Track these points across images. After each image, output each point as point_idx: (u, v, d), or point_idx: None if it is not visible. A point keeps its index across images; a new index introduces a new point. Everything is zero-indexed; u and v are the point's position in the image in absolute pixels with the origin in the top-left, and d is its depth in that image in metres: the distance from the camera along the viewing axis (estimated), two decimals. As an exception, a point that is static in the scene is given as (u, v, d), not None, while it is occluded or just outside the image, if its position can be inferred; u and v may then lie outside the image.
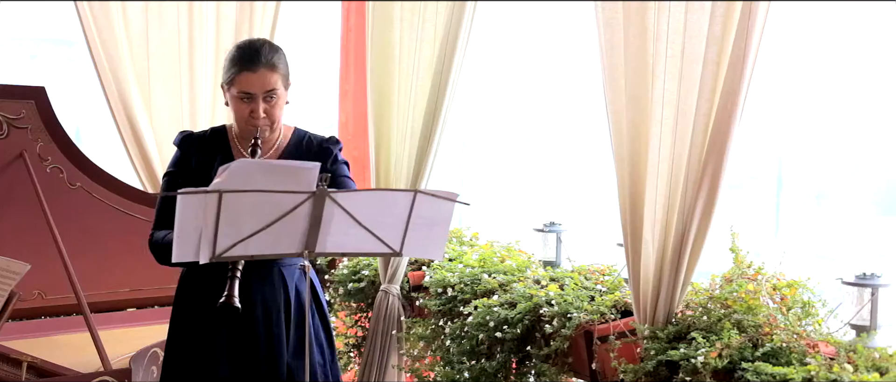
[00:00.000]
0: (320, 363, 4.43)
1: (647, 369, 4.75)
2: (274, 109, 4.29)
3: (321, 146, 4.44)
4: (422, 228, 3.81)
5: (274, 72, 4.25)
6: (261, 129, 4.27)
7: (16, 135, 4.60)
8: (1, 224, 4.69)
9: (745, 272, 4.90)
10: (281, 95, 4.30)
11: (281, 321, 4.33)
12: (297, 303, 4.38)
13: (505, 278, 5.73)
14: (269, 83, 4.24)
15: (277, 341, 4.32)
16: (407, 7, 6.10)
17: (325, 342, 4.49)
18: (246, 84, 4.23)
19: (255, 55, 4.25)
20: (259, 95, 4.24)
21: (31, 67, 10.21)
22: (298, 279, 4.41)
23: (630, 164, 4.91)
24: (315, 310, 4.47)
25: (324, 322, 4.51)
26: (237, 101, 4.27)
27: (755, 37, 4.55)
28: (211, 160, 4.33)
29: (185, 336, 4.35)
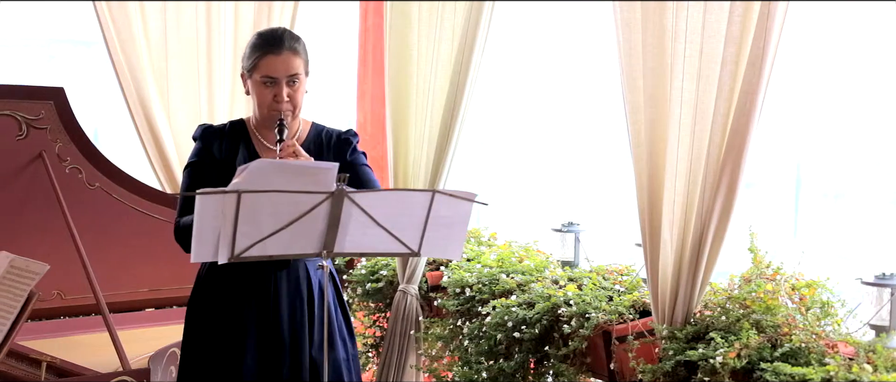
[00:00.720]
0: (343, 357, 4.44)
1: (665, 369, 4.74)
2: (296, 94, 4.32)
3: (340, 138, 4.48)
4: (440, 228, 3.81)
5: (296, 56, 4.30)
6: (284, 114, 4.29)
7: (35, 135, 4.61)
8: (20, 225, 4.70)
9: (763, 272, 4.89)
10: (303, 80, 4.34)
11: (304, 315, 4.34)
12: (321, 298, 4.39)
13: (523, 278, 5.73)
14: (293, 67, 4.28)
15: (300, 335, 4.33)
16: (425, 7, 6.10)
17: (347, 337, 4.50)
18: (270, 68, 4.27)
19: (278, 40, 4.30)
20: (282, 80, 4.27)
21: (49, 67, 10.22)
22: (321, 274, 4.41)
23: (648, 164, 4.91)
24: (337, 306, 4.48)
25: (346, 318, 4.52)
26: (260, 86, 4.30)
27: (774, 37, 4.54)
28: (234, 152, 4.37)
29: (206, 332, 4.36)
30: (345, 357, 4.46)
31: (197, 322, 4.40)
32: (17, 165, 4.63)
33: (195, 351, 4.39)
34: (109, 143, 8.07)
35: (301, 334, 4.34)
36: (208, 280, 4.38)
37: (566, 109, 7.79)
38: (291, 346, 4.31)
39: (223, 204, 3.59)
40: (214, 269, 4.34)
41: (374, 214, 3.74)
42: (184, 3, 6.34)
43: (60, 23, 9.90)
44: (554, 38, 7.63)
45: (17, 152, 4.60)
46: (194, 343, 4.39)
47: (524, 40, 7.56)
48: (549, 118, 7.90)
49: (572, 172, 7.88)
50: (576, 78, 7.59)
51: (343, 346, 4.47)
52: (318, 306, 4.39)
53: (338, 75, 7.74)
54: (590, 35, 7.21)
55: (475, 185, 7.46)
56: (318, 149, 4.43)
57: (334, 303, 4.46)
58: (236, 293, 4.31)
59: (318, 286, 4.40)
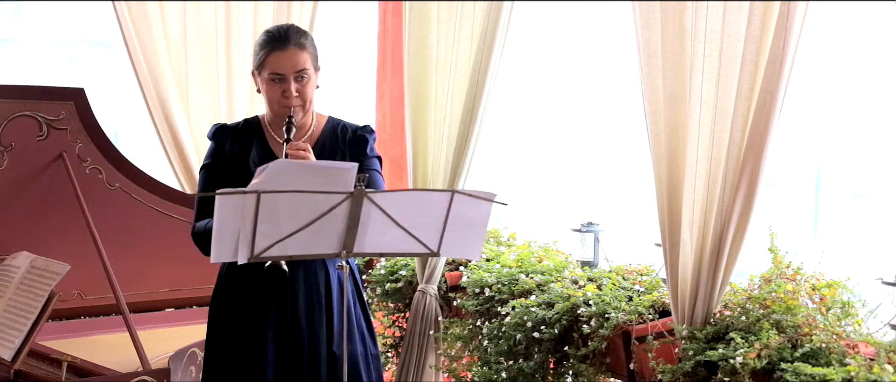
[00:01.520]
0: (361, 352, 4.44)
1: (685, 369, 4.73)
2: (305, 89, 4.32)
3: (356, 135, 4.47)
4: (459, 228, 3.81)
5: (303, 51, 4.30)
6: (294, 109, 4.29)
7: (55, 136, 4.63)
8: (41, 225, 4.72)
9: (783, 272, 4.88)
10: (311, 75, 4.34)
11: (322, 310, 4.35)
12: (340, 295, 4.39)
13: (542, 278, 5.72)
14: (300, 62, 4.29)
15: (318, 330, 4.33)
16: (444, 7, 6.10)
17: (366, 334, 4.50)
18: (276, 65, 4.28)
19: (284, 36, 4.31)
20: (290, 76, 4.28)
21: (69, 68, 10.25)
22: (341, 273, 4.41)
23: (668, 163, 4.90)
24: (356, 301, 4.49)
25: (365, 316, 4.53)
26: (269, 83, 4.31)
27: (794, 36, 4.53)
28: (246, 150, 4.37)
29: (228, 330, 4.37)
30: (363, 352, 4.46)
31: (219, 321, 4.41)
32: (37, 165, 4.64)
33: (218, 349, 4.40)
34: (129, 143, 8.10)
35: (318, 329, 4.34)
36: (228, 279, 4.39)
37: (586, 109, 7.79)
38: (309, 341, 4.31)
39: (243, 204, 3.60)
40: (234, 268, 4.34)
41: (393, 214, 3.74)
42: (203, 3, 6.34)
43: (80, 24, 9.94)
44: (573, 38, 7.63)
45: (37, 153, 4.61)
46: (217, 341, 4.40)
47: (543, 40, 7.55)
48: (569, 118, 7.90)
49: (592, 172, 7.88)
50: (595, 78, 7.59)
51: (361, 341, 4.47)
52: (338, 301, 4.39)
53: (357, 76, 7.74)
54: (609, 35, 7.20)
55: (494, 185, 7.47)
56: (332, 144, 4.43)
57: (353, 299, 4.47)
58: (255, 290, 4.31)
59: (338, 283, 4.40)
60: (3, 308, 4.32)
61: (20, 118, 4.52)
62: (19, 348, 4.15)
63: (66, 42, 10.43)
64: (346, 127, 4.50)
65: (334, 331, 4.37)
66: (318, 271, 4.35)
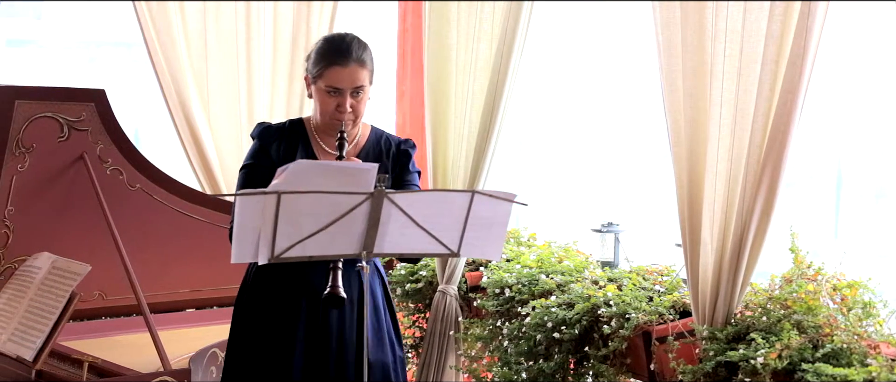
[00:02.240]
0: (390, 360, 4.43)
1: (705, 370, 4.73)
2: (360, 105, 4.31)
3: (399, 148, 4.46)
4: (479, 228, 3.80)
5: (363, 68, 4.28)
6: (344, 123, 4.27)
7: (76, 137, 4.64)
8: (62, 226, 4.73)
9: (804, 273, 4.87)
10: (367, 90, 4.32)
11: (353, 315, 4.35)
12: (372, 301, 4.39)
13: (563, 278, 5.72)
14: (358, 79, 4.27)
15: (347, 335, 4.33)
16: (464, 7, 6.09)
17: (394, 340, 4.50)
18: (335, 79, 4.25)
19: (346, 50, 4.27)
20: (347, 91, 4.25)
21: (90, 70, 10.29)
22: (372, 277, 4.42)
23: (688, 164, 4.89)
24: (386, 307, 4.49)
25: (393, 321, 4.53)
26: (324, 94, 4.28)
27: (814, 36, 4.52)
28: (292, 152, 4.35)
29: (254, 331, 4.37)
30: (392, 360, 4.45)
31: (245, 321, 4.41)
32: (58, 166, 4.65)
33: (242, 350, 4.39)
34: (150, 144, 8.12)
35: (348, 334, 4.34)
36: (257, 280, 4.39)
37: (606, 109, 7.78)
38: (337, 346, 4.31)
39: (263, 205, 3.60)
40: (263, 268, 4.35)
41: (413, 214, 3.74)
42: (223, 3, 6.35)
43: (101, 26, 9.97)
44: (593, 38, 7.62)
45: (58, 154, 4.62)
46: (241, 341, 4.40)
47: (563, 40, 7.55)
48: (589, 118, 7.89)
49: (612, 172, 7.87)
50: (615, 78, 7.58)
51: (391, 349, 4.46)
52: (371, 307, 4.39)
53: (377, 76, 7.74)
54: (629, 35, 7.20)
55: (515, 185, 7.47)
56: (376, 155, 4.41)
57: (383, 305, 4.47)
58: (286, 292, 4.31)
59: (370, 290, 4.40)
60: (24, 309, 4.34)
61: (41, 120, 4.54)
62: (41, 348, 4.16)
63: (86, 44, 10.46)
64: (390, 140, 4.48)
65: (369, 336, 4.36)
66: (350, 275, 4.34)
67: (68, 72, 10.04)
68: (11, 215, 4.61)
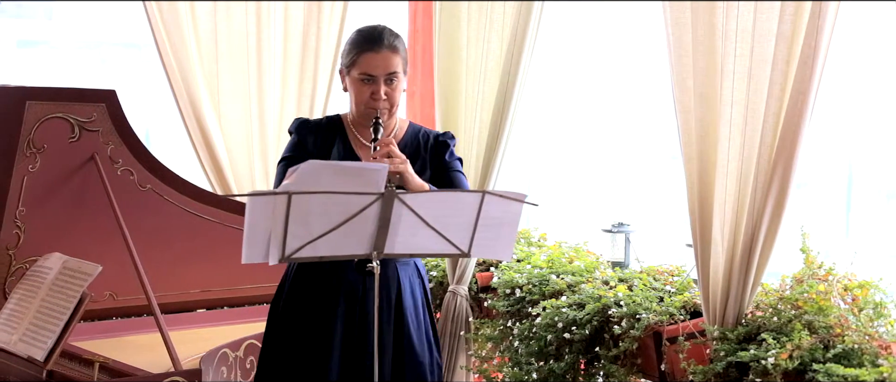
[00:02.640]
0: (427, 363, 4.42)
1: (716, 370, 4.72)
2: (394, 92, 4.32)
3: (438, 140, 4.47)
4: (490, 228, 3.80)
5: (396, 54, 4.30)
6: (380, 111, 4.28)
7: (87, 138, 4.64)
8: (73, 226, 4.73)
9: (815, 273, 4.87)
10: (401, 79, 4.33)
11: (391, 316, 4.34)
12: (412, 303, 4.40)
13: (573, 279, 5.72)
14: (391, 65, 4.28)
15: (386, 336, 4.32)
16: (474, 7, 6.10)
17: (433, 342, 4.49)
18: (368, 65, 4.28)
19: (378, 37, 4.30)
20: (381, 77, 4.28)
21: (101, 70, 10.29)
22: (412, 279, 4.43)
23: (699, 164, 4.89)
24: (425, 308, 4.48)
25: (432, 322, 4.51)
26: (358, 83, 4.31)
27: (825, 36, 4.52)
28: (328, 146, 4.38)
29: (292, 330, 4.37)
30: (429, 362, 4.44)
31: (282, 320, 4.41)
32: (69, 167, 4.66)
33: (278, 349, 4.40)
34: (160, 144, 8.12)
35: (386, 335, 4.33)
36: (296, 279, 4.40)
37: (616, 108, 7.77)
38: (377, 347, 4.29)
39: (274, 205, 3.60)
40: (302, 268, 4.36)
41: (423, 215, 3.74)
42: (233, 3, 6.36)
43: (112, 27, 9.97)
44: (604, 38, 7.61)
45: (69, 155, 4.63)
46: (277, 340, 4.40)
47: (574, 40, 7.54)
48: (599, 118, 7.88)
49: (622, 172, 7.86)
50: (626, 78, 7.57)
51: (428, 351, 4.46)
52: (411, 308, 4.39)
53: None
54: (640, 34, 7.19)
55: (525, 185, 7.47)
56: (414, 149, 4.42)
57: (423, 306, 4.47)
58: (324, 291, 4.31)
59: (409, 289, 4.40)
60: (35, 309, 4.34)
61: (52, 120, 4.54)
62: (52, 348, 4.16)
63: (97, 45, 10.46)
64: (428, 133, 4.50)
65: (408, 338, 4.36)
66: (389, 275, 4.33)
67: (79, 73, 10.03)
68: (22, 216, 4.61)
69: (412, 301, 4.42)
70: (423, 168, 4.37)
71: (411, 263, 4.45)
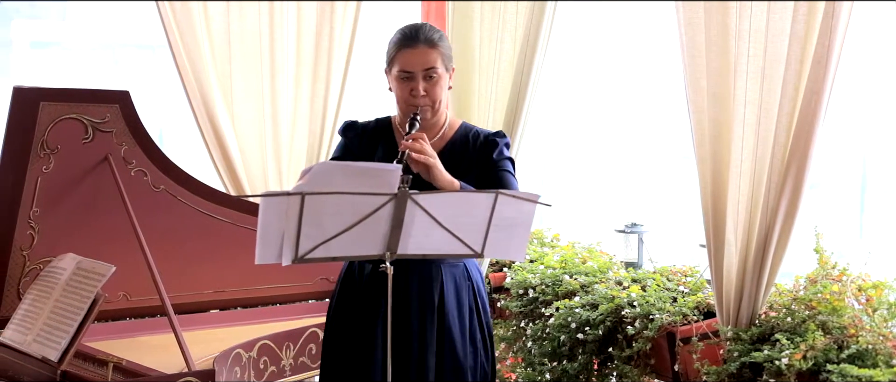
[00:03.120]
0: (470, 365, 4.35)
1: (730, 371, 4.72)
2: (434, 88, 4.26)
3: (487, 139, 4.39)
4: (503, 229, 3.80)
5: (433, 49, 4.24)
6: (422, 109, 4.24)
7: (101, 139, 4.64)
8: (87, 227, 4.73)
9: (829, 273, 4.86)
10: (441, 75, 4.27)
11: (433, 319, 4.29)
12: (456, 305, 4.34)
13: (586, 279, 5.72)
14: (429, 61, 4.23)
15: (428, 336, 4.28)
16: (487, 7, 6.09)
17: (480, 346, 4.40)
18: (405, 62, 4.24)
19: (414, 34, 4.26)
20: (418, 74, 4.22)
21: (114, 72, 10.32)
22: (459, 280, 4.37)
23: (712, 164, 4.89)
24: (473, 310, 4.40)
25: (482, 327, 4.42)
26: (398, 81, 4.27)
27: (838, 35, 4.51)
28: (372, 148, 4.34)
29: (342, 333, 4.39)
30: (472, 365, 4.36)
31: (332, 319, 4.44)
32: (83, 168, 4.66)
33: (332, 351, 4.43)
34: (174, 145, 8.13)
35: (429, 336, 4.29)
36: (346, 278, 4.40)
37: (629, 109, 7.77)
38: (419, 347, 4.27)
39: (287, 206, 3.60)
40: (350, 267, 4.36)
41: (436, 215, 3.73)
42: (246, 3, 6.36)
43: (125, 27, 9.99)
44: (616, 38, 7.61)
45: (83, 155, 4.63)
46: (332, 342, 4.43)
47: (587, 40, 7.54)
48: (613, 119, 7.88)
49: (636, 172, 7.86)
50: (639, 78, 7.57)
51: (473, 354, 4.37)
52: (454, 310, 4.33)
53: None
54: (653, 34, 7.19)
55: (538, 186, 7.46)
56: (460, 148, 4.37)
57: (470, 309, 4.39)
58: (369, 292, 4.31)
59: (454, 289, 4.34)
60: (49, 310, 4.34)
61: (66, 121, 4.54)
62: (66, 349, 4.16)
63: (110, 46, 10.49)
64: (478, 133, 4.43)
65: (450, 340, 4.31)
66: (433, 276, 4.30)
67: (92, 74, 10.06)
68: (36, 217, 4.62)
69: (457, 303, 4.34)
70: (469, 167, 4.31)
71: (460, 264, 4.38)
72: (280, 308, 5.40)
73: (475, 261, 4.46)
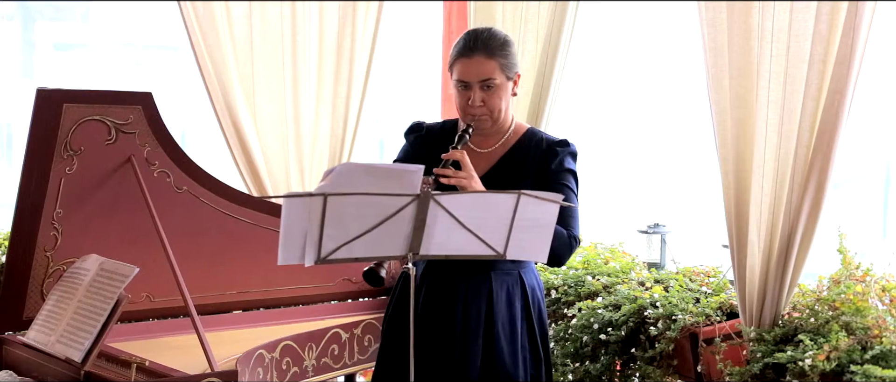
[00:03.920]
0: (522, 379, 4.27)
1: (753, 371, 4.71)
2: (492, 99, 4.17)
3: (549, 147, 4.29)
4: (526, 230, 3.79)
5: (490, 59, 4.15)
6: (479, 120, 4.18)
7: (124, 140, 4.65)
8: (110, 228, 4.74)
9: (853, 274, 4.85)
10: (500, 85, 4.18)
11: (479, 324, 4.25)
12: (507, 313, 4.27)
13: (609, 279, 5.71)
14: (485, 71, 4.15)
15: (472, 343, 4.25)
16: (509, 7, 6.09)
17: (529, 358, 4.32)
18: (462, 71, 4.17)
19: (471, 42, 4.18)
20: (475, 84, 4.15)
21: (136, 73, 10.34)
22: (512, 287, 4.31)
23: (735, 164, 4.88)
24: (524, 320, 4.33)
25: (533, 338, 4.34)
26: (456, 90, 4.21)
27: (862, 35, 4.50)
28: (434, 151, 4.19)
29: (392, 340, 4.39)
30: (522, 378, 4.28)
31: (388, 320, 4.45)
32: (106, 169, 4.66)
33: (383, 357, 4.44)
34: (196, 146, 8.15)
35: (473, 343, 4.26)
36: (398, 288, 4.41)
37: (651, 109, 7.76)
38: (461, 354, 4.26)
39: (310, 207, 3.60)
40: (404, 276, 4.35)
41: (459, 216, 3.72)
42: (269, 4, 6.36)
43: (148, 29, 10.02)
44: (639, 38, 7.60)
45: (106, 157, 4.64)
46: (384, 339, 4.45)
47: (609, 40, 7.53)
48: (635, 119, 7.87)
49: (658, 173, 7.85)
50: (661, 78, 7.56)
51: (523, 367, 4.30)
52: (504, 319, 4.27)
53: (422, 77, 7.75)
54: (675, 35, 7.18)
55: (560, 186, 7.43)
56: (521, 155, 4.29)
57: (522, 318, 4.32)
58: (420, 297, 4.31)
59: (507, 301, 4.28)
60: (73, 311, 4.35)
61: (89, 123, 4.55)
62: (89, 350, 4.17)
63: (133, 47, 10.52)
64: (542, 139, 4.32)
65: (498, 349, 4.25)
66: (480, 285, 4.26)
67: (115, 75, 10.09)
68: (60, 218, 4.63)
69: (507, 312, 4.28)
70: (526, 174, 4.24)
71: (514, 271, 4.31)
72: (303, 309, 5.40)
73: (533, 268, 4.41)
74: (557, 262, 4.18)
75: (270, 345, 4.72)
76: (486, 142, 4.30)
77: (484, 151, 4.29)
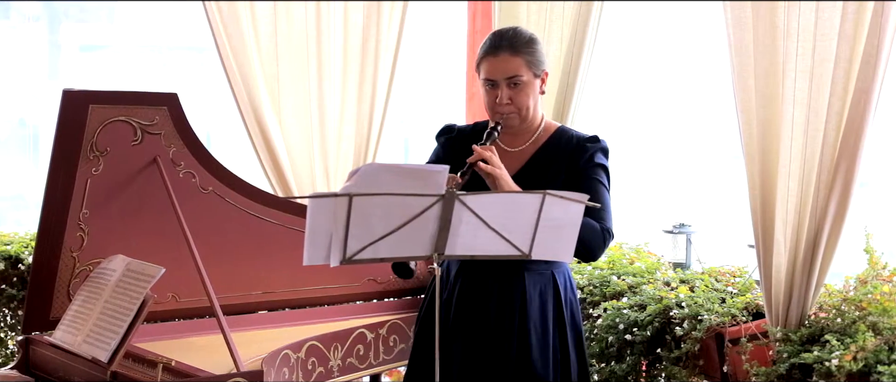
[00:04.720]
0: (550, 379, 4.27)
1: (779, 372, 4.70)
2: (519, 97, 4.19)
3: (579, 143, 4.30)
4: (551, 230, 3.78)
5: (516, 56, 4.17)
6: (507, 118, 4.20)
7: (149, 141, 4.66)
8: (136, 229, 4.76)
9: (880, 274, 4.83)
10: (528, 82, 4.20)
11: (513, 330, 4.25)
12: (539, 315, 4.28)
13: (634, 279, 5.70)
14: (511, 69, 4.16)
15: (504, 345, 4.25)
16: (534, 7, 6.08)
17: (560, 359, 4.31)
18: (488, 70, 4.19)
19: (497, 40, 4.20)
20: (501, 82, 4.17)
21: (162, 74, 10.37)
22: (546, 288, 4.32)
23: (761, 163, 4.87)
24: (555, 324, 4.33)
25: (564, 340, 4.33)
26: (484, 88, 4.23)
27: (888, 34, 4.49)
28: (466, 155, 4.16)
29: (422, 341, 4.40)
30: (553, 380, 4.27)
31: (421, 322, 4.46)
32: (132, 170, 4.68)
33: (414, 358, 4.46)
34: (221, 147, 8.17)
35: (505, 345, 4.26)
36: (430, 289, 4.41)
37: (677, 109, 7.75)
38: (493, 352, 4.25)
39: (335, 207, 3.61)
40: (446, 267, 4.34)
41: (484, 216, 3.72)
42: (293, 4, 6.37)
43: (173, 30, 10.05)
44: (664, 38, 7.59)
45: (132, 157, 4.65)
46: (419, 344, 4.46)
47: (634, 40, 7.52)
48: (661, 119, 7.86)
49: (684, 173, 7.84)
50: (687, 78, 7.55)
51: (553, 368, 4.30)
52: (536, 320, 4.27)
53: (447, 77, 7.75)
54: (700, 34, 7.16)
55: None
56: (551, 154, 4.30)
57: (554, 322, 4.32)
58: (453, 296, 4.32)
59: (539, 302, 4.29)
60: (99, 311, 4.37)
61: (115, 124, 4.56)
62: (115, 350, 4.18)
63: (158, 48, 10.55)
64: (572, 137, 4.34)
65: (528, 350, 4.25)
66: (514, 284, 4.27)
67: (140, 76, 10.12)
68: (86, 219, 4.64)
69: (540, 313, 4.29)
70: (558, 172, 4.25)
71: (547, 272, 4.32)
72: (328, 309, 5.40)
73: (567, 270, 4.41)
74: (591, 256, 4.19)
75: (296, 345, 4.73)
76: (515, 141, 4.30)
77: (514, 150, 4.30)
